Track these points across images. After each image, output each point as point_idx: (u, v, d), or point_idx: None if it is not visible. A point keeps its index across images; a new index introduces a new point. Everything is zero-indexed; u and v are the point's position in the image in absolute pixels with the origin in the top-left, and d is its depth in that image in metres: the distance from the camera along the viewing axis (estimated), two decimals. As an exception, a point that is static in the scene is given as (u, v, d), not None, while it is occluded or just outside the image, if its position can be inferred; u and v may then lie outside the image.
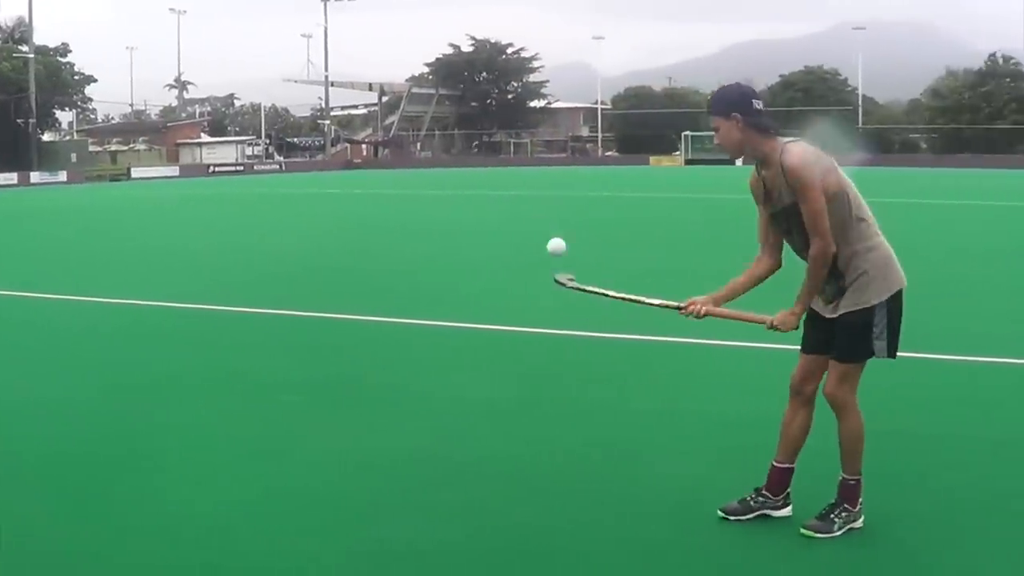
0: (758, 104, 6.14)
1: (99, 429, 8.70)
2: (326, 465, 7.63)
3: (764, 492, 6.50)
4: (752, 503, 6.49)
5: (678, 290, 7.01)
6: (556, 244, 6.83)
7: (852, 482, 6.25)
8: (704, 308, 6.32)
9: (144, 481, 7.29)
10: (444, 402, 9.53)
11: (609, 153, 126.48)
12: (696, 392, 9.90)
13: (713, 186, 51.44)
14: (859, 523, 6.25)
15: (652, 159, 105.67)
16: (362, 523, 6.46)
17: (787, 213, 6.13)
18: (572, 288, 6.82)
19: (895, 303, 6.12)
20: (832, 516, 6.20)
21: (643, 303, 6.64)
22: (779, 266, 6.42)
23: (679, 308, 6.41)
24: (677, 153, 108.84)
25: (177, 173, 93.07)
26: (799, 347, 6.46)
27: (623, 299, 6.77)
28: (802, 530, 6.17)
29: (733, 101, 6.14)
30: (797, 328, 6.20)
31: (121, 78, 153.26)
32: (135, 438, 8.38)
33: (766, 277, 6.41)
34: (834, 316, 6.16)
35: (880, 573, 5.74)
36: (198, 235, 28.84)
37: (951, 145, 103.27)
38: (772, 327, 6.19)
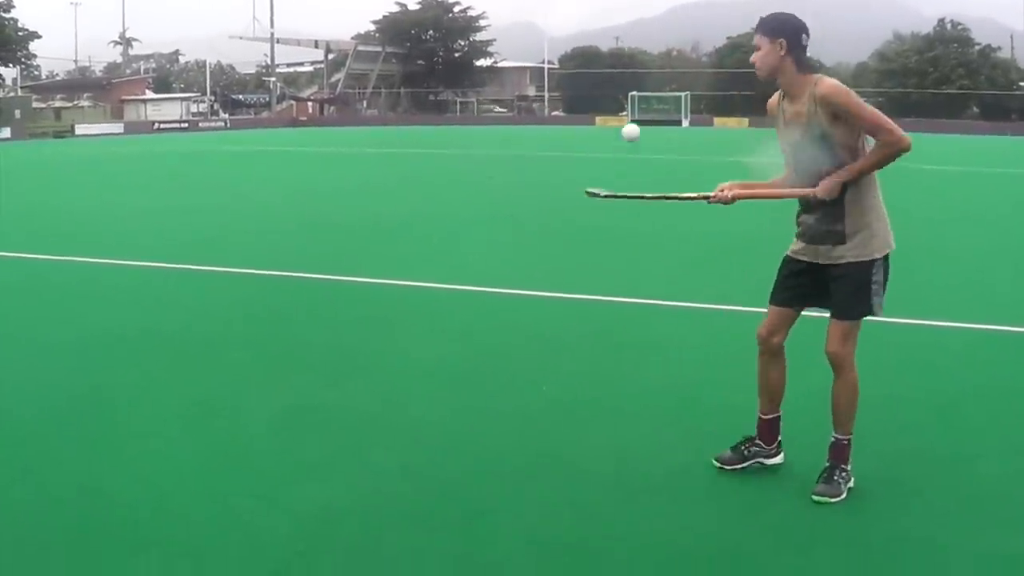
0: (806, 40, 6.14)
1: (38, 388, 8.57)
2: (271, 424, 7.58)
3: (757, 441, 6.62)
4: (746, 452, 6.61)
5: (616, 249, 6.97)
6: (630, 131, 6.80)
7: (845, 442, 6.27)
8: (731, 193, 6.31)
9: (85, 441, 7.21)
10: (389, 362, 9.47)
11: (555, 113, 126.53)
12: (642, 356, 9.87)
13: (658, 147, 51.47)
14: (852, 483, 6.29)
15: (598, 119, 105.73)
16: (305, 482, 6.41)
17: (810, 133, 6.07)
18: (606, 197, 6.78)
19: (887, 263, 6.20)
20: (836, 479, 6.22)
21: (678, 198, 6.61)
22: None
23: (708, 198, 6.38)
24: (623, 113, 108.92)
25: (122, 130, 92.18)
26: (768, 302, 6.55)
27: (659, 198, 6.76)
28: (814, 497, 6.15)
29: (784, 27, 6.11)
30: (840, 193, 6.08)
31: (65, 34, 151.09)
32: (77, 396, 8.28)
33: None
34: (829, 263, 6.17)
35: (830, 533, 5.74)
36: (144, 192, 28.52)
37: (898, 109, 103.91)
38: (816, 197, 6.09)
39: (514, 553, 5.46)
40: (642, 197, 6.81)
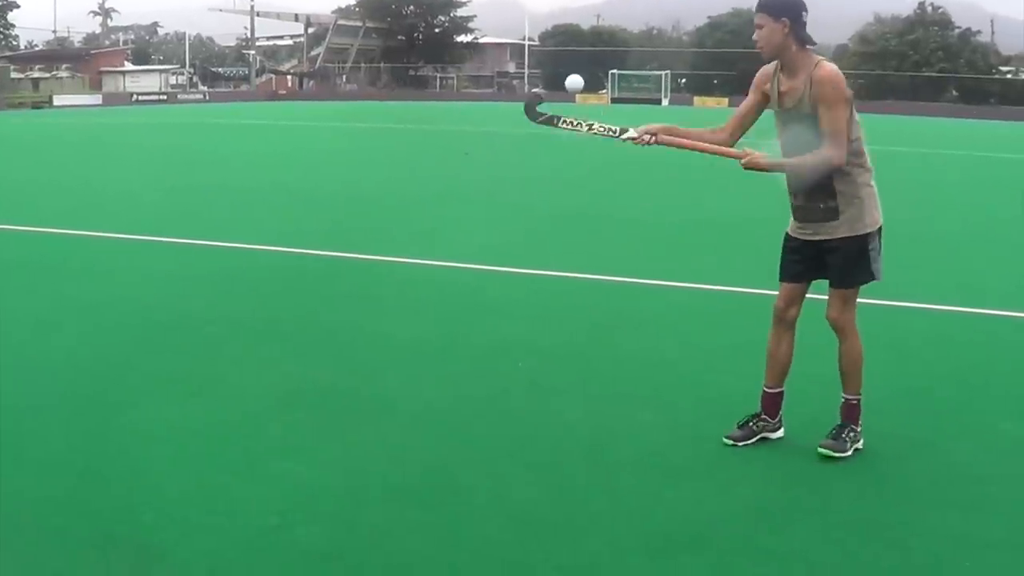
0: (806, 17, 6.28)
1: (13, 362, 8.50)
2: (245, 399, 7.56)
3: (763, 417, 6.80)
4: (754, 427, 6.80)
5: (594, 228, 6.99)
6: (573, 82, 6.98)
7: (854, 402, 6.63)
8: (653, 138, 6.54)
9: (59, 415, 7.19)
10: (368, 339, 9.47)
11: (535, 90, 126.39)
12: (619, 334, 9.89)
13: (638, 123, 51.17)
14: (860, 444, 6.61)
15: (579, 96, 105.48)
16: (283, 459, 6.41)
17: (800, 118, 6.29)
18: (542, 122, 6.87)
19: (880, 234, 6.44)
20: (844, 436, 6.53)
21: (600, 132, 6.82)
22: (730, 145, 6.55)
23: (633, 139, 6.60)
24: (603, 91, 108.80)
25: (100, 101, 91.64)
26: (779, 279, 6.75)
27: (587, 128, 6.86)
28: (820, 449, 6.47)
29: (787, 5, 6.24)
30: (759, 170, 6.30)
31: (44, 4, 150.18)
32: (52, 370, 8.26)
33: (713, 143, 6.56)
34: (826, 239, 6.39)
35: (801, 513, 5.78)
36: (122, 165, 28.43)
37: (877, 92, 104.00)
38: (747, 161, 6.24)
39: (493, 530, 5.47)
40: (572, 126, 6.86)
